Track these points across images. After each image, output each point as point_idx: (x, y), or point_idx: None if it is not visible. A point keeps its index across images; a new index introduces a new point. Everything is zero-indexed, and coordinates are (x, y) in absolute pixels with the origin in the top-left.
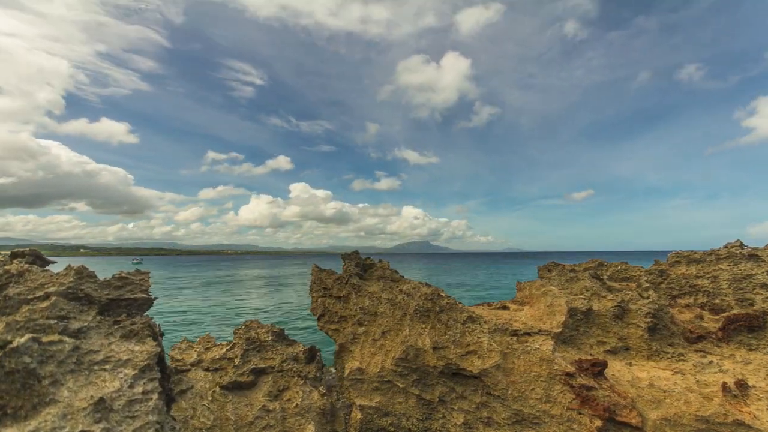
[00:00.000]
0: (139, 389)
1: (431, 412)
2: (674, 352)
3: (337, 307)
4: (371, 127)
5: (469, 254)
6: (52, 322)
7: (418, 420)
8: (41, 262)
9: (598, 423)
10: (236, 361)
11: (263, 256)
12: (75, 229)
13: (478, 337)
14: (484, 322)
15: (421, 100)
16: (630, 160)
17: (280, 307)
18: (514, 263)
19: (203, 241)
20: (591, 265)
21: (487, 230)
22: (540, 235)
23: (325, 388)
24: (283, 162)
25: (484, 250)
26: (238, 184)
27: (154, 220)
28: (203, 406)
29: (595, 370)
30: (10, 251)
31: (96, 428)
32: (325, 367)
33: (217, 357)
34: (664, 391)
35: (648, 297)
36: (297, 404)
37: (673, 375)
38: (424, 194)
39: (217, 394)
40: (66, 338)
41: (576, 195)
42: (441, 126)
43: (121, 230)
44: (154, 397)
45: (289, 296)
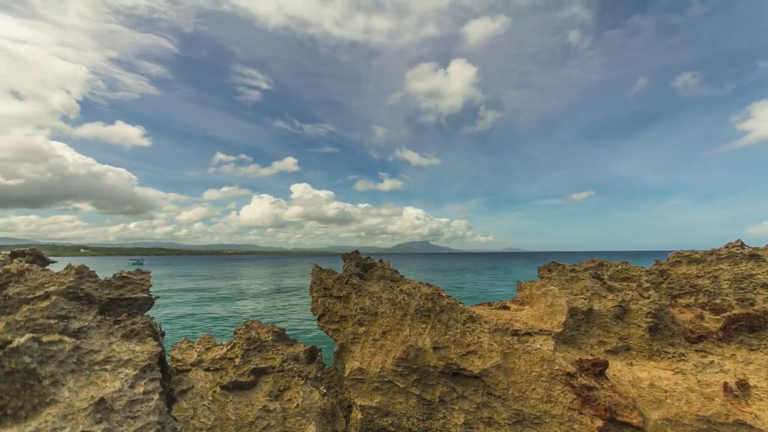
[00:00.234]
0: (140, 389)
1: (432, 412)
2: (675, 352)
3: (338, 307)
4: (373, 130)
5: (469, 254)
6: (53, 321)
7: (419, 420)
8: (41, 262)
9: (599, 423)
10: (237, 361)
11: (263, 256)
12: (77, 229)
13: (479, 337)
14: (485, 322)
15: (426, 104)
16: (629, 161)
17: (281, 307)
18: (514, 263)
19: (204, 241)
20: (591, 265)
21: (487, 230)
22: (540, 235)
23: (326, 388)
24: (290, 164)
25: (484, 250)
26: (244, 186)
27: (156, 221)
28: (204, 406)
29: (596, 370)
30: (10, 251)
31: (97, 429)
32: (325, 367)
33: (218, 357)
34: (665, 391)
35: (649, 297)
36: (298, 404)
37: (674, 375)
38: (425, 195)
39: (218, 394)
40: (66, 338)
41: (576, 196)
42: (443, 129)
43: (123, 230)
44: (155, 398)
45: (290, 296)
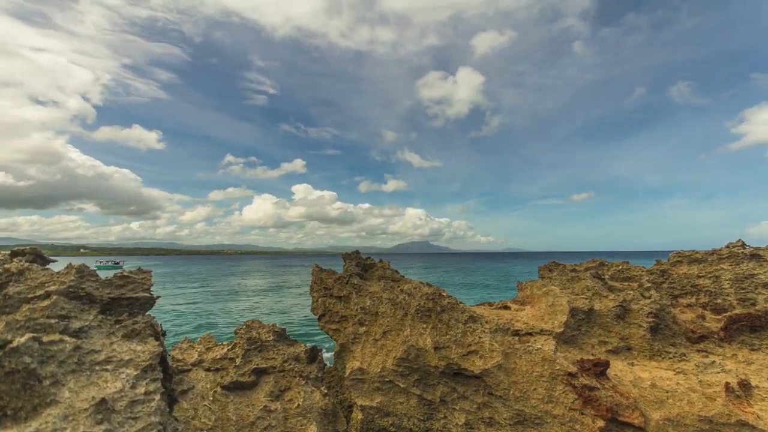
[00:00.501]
0: (142, 390)
1: (432, 413)
2: (676, 352)
3: (338, 307)
4: (375, 133)
5: (469, 254)
6: (53, 321)
7: (420, 420)
8: (41, 261)
9: (601, 423)
10: (237, 361)
11: (263, 256)
12: (79, 229)
13: (480, 337)
14: (486, 322)
15: (425, 108)
16: (628, 161)
17: (281, 307)
18: (514, 263)
19: (204, 241)
20: (592, 265)
21: (487, 230)
22: (540, 235)
23: (326, 388)
24: (299, 165)
25: (484, 250)
26: (252, 187)
27: (160, 221)
28: (204, 406)
29: (597, 370)
30: (10, 250)
31: (98, 429)
32: (326, 367)
33: (218, 357)
34: (667, 392)
35: (650, 297)
36: (299, 404)
37: (676, 375)
38: (427, 195)
39: (219, 395)
40: (67, 338)
41: (576, 197)
42: (445, 131)
43: (125, 230)
44: (157, 398)
45: (290, 296)
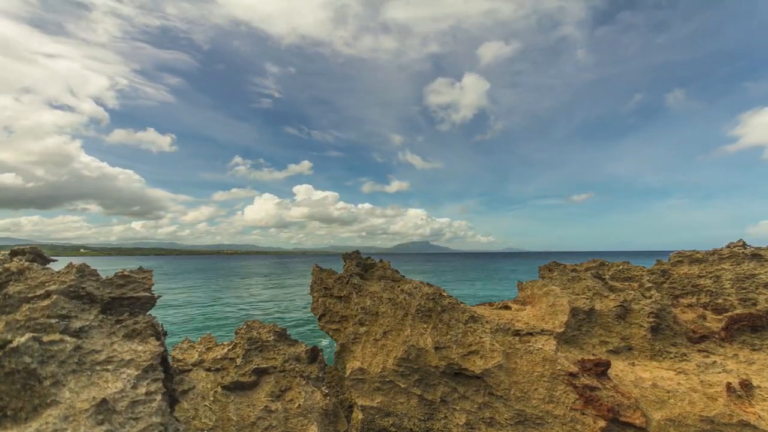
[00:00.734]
0: (143, 390)
1: (433, 413)
2: (677, 352)
3: (338, 307)
4: (378, 135)
5: (469, 254)
6: (53, 321)
7: (420, 420)
8: (41, 261)
9: (602, 423)
10: (238, 361)
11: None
12: (81, 229)
13: (480, 337)
14: (486, 322)
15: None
16: (627, 161)
17: (281, 307)
18: (514, 263)
19: (205, 241)
20: (592, 265)
21: (487, 230)
22: (540, 235)
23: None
24: (305, 167)
25: (484, 250)
26: (257, 188)
27: (162, 221)
28: (205, 406)
29: (598, 370)
30: (10, 249)
31: (98, 430)
32: (326, 367)
33: (219, 357)
34: (668, 392)
35: (650, 297)
36: (299, 405)
37: (677, 375)
38: (427, 196)
39: (219, 395)
40: (67, 338)
41: (576, 197)
42: (446, 133)
43: (126, 230)
44: (158, 398)
45: (290, 296)
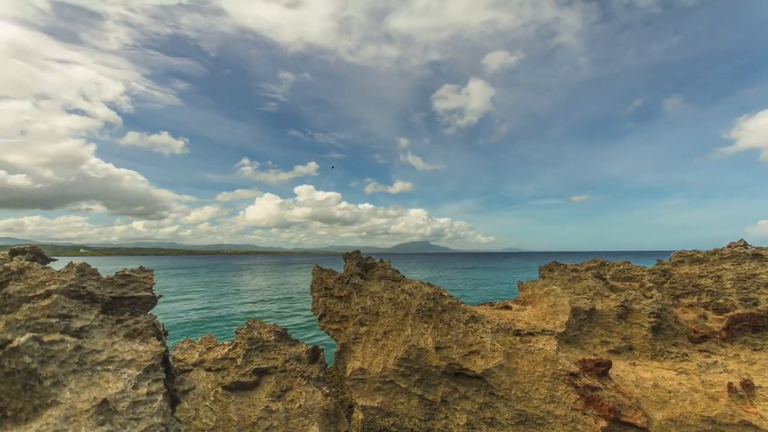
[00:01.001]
0: (144, 390)
1: (434, 413)
2: (678, 352)
3: (339, 307)
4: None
5: (469, 254)
6: (54, 320)
7: (421, 420)
8: (42, 260)
9: (603, 423)
10: (238, 361)
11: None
12: (83, 229)
13: (481, 337)
14: (487, 322)
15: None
16: (626, 161)
17: (281, 307)
18: (514, 263)
19: (206, 241)
20: (593, 265)
21: (487, 230)
22: (540, 235)
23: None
24: (312, 168)
25: (484, 250)
26: (263, 189)
27: (165, 221)
28: (205, 406)
29: (599, 370)
30: (10, 248)
31: (99, 431)
32: (327, 367)
33: (219, 357)
34: (669, 392)
35: (651, 297)
36: (300, 405)
37: (678, 375)
38: (428, 196)
39: (220, 395)
40: (68, 337)
41: (576, 198)
42: (448, 135)
43: (128, 230)
44: (159, 399)
45: (290, 296)
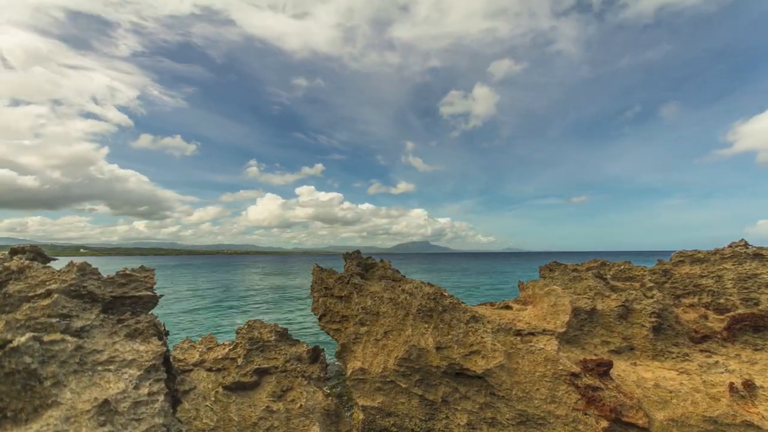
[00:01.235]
0: (145, 390)
1: (434, 413)
2: (679, 352)
3: (339, 307)
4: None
5: (469, 254)
6: (54, 320)
7: (421, 420)
8: (42, 259)
9: (605, 423)
10: (239, 361)
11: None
12: (85, 229)
13: (482, 337)
14: (488, 321)
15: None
16: (625, 161)
17: (282, 307)
18: (514, 263)
19: (206, 241)
20: (594, 265)
21: (487, 230)
22: (540, 235)
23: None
24: (318, 170)
25: (484, 250)
26: (269, 190)
27: (167, 221)
28: (206, 406)
29: (600, 370)
30: (10, 248)
31: (100, 431)
32: (329, 366)
33: (220, 357)
34: (671, 392)
35: (652, 297)
36: (301, 405)
37: (679, 375)
38: (429, 197)
39: (220, 395)
40: (68, 337)
41: (576, 199)
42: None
43: (129, 231)
44: (160, 399)
45: (291, 296)
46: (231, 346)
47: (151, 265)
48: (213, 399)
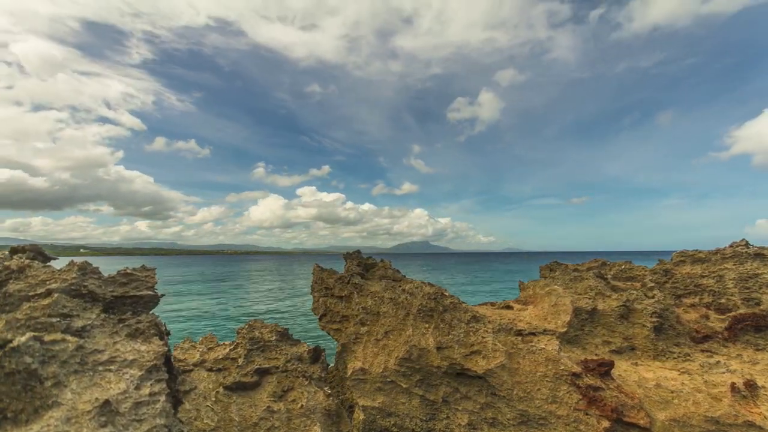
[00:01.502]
0: (146, 391)
1: (435, 413)
2: (680, 352)
3: (339, 307)
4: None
5: (469, 254)
6: (55, 320)
7: (422, 420)
8: (42, 259)
9: (606, 424)
10: (240, 361)
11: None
12: (87, 230)
13: (483, 337)
14: (489, 321)
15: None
16: (624, 161)
17: (282, 307)
18: (515, 263)
19: (207, 241)
20: (594, 265)
21: (487, 230)
22: (540, 235)
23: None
24: (324, 171)
25: (484, 250)
26: (275, 191)
27: (170, 221)
28: (207, 407)
29: (601, 370)
30: (10, 247)
31: None
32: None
33: (221, 357)
34: (672, 392)
35: (653, 296)
36: (302, 405)
37: (680, 375)
38: (429, 197)
39: (221, 395)
40: (69, 337)
41: (576, 200)
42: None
43: (131, 231)
44: (162, 399)
45: (291, 296)
46: (232, 346)
47: (150, 265)
48: (214, 399)
